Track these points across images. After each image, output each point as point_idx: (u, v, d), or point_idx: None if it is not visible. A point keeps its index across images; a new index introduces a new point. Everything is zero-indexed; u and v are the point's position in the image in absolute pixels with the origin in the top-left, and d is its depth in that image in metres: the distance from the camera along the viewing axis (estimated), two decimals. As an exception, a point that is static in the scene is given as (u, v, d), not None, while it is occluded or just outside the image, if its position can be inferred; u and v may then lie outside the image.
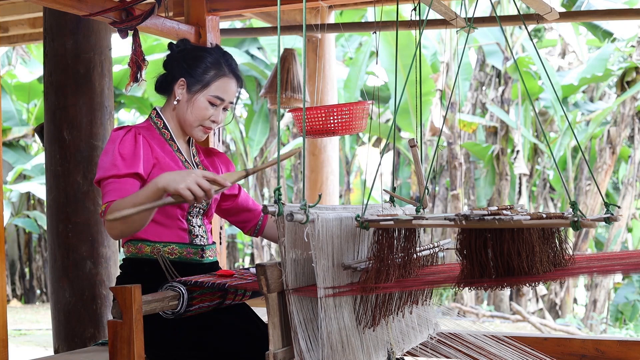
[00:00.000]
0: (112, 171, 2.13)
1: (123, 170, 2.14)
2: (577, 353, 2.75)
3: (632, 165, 9.29)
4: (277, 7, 1.76)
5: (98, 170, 2.19)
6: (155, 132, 2.32)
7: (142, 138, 2.21)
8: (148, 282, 2.07)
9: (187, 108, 2.31)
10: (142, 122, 2.37)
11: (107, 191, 2.12)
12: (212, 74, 2.31)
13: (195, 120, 2.32)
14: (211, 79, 2.31)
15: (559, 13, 2.65)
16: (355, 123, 2.85)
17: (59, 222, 3.73)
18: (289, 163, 12.75)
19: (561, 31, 10.85)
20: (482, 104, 10.59)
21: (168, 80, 2.36)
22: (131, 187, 2.13)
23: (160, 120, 2.34)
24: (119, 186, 2.12)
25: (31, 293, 12.44)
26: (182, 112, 2.32)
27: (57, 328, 3.76)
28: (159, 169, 2.20)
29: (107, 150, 2.19)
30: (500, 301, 9.80)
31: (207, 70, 2.31)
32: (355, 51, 11.32)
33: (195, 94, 2.30)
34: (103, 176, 2.14)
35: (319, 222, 1.71)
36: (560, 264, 1.83)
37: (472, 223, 1.58)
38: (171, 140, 2.33)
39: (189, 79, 2.31)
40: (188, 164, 2.33)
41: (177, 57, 2.36)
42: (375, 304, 1.85)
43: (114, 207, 2.04)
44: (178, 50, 2.38)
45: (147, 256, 2.23)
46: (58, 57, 3.74)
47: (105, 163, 2.16)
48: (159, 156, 2.23)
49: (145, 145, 2.21)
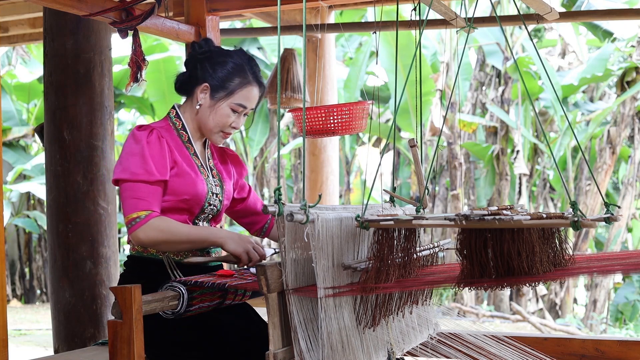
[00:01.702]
0: (143, 176, 2.13)
1: (155, 176, 2.14)
2: (577, 353, 2.76)
3: (632, 165, 9.29)
4: (277, 7, 1.76)
5: (122, 170, 2.16)
6: (174, 133, 2.30)
7: (165, 141, 2.21)
8: (152, 281, 2.08)
9: (209, 114, 2.30)
10: (161, 121, 2.35)
11: (139, 197, 2.12)
12: (237, 82, 2.29)
13: (216, 126, 2.31)
14: (236, 87, 2.30)
15: (559, 13, 2.65)
16: (355, 123, 2.85)
17: (59, 222, 3.73)
18: (289, 163, 12.76)
19: (561, 31, 10.85)
20: (482, 104, 10.59)
21: (190, 81, 2.33)
22: (160, 195, 2.16)
23: (179, 121, 2.33)
24: (151, 192, 2.13)
25: (31, 293, 12.44)
26: (204, 117, 2.31)
27: (57, 328, 3.77)
28: (175, 174, 2.21)
29: (133, 150, 2.17)
30: (500, 301, 9.80)
31: (231, 77, 2.29)
32: (355, 51, 11.33)
33: (219, 101, 2.29)
34: (131, 178, 2.13)
35: (319, 222, 1.71)
36: (560, 264, 1.83)
37: (472, 223, 1.58)
38: (188, 142, 2.32)
39: (213, 85, 2.29)
40: (203, 168, 2.33)
41: (200, 59, 2.33)
42: (375, 304, 1.85)
43: (163, 224, 2.12)
44: (201, 52, 2.35)
45: (153, 256, 2.23)
46: (58, 57, 3.74)
47: (132, 165, 2.14)
48: (178, 160, 2.23)
49: (168, 149, 2.21)
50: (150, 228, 2.10)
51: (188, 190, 2.22)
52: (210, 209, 2.31)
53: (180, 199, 2.22)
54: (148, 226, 2.10)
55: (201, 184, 2.26)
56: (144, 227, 2.09)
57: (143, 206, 2.11)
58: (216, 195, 2.33)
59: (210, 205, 2.30)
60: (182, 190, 2.22)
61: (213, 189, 2.31)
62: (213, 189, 2.31)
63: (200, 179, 2.27)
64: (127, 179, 2.14)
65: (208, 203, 2.29)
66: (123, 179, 2.15)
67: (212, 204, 2.31)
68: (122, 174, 2.15)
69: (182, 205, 2.23)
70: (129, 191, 2.13)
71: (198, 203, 2.26)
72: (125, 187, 2.14)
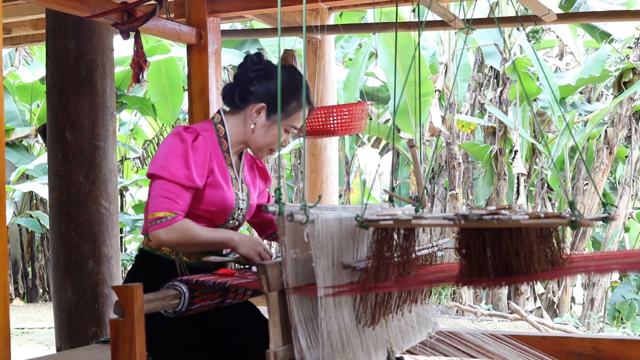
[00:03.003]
0: (181, 179, 2.13)
1: (193, 182, 2.14)
2: (575, 351, 2.77)
3: (629, 165, 9.31)
4: (278, 8, 1.77)
5: (162, 166, 2.15)
6: (215, 139, 2.28)
7: (209, 149, 2.21)
8: (161, 279, 2.09)
9: (263, 133, 2.29)
10: (204, 124, 2.33)
11: (171, 198, 2.12)
12: (294, 105, 2.28)
13: (267, 144, 2.32)
14: (293, 110, 2.28)
15: (556, 15, 2.68)
16: (354, 123, 2.87)
17: (61, 222, 3.74)
18: (289, 163, 12.76)
19: (559, 32, 10.86)
20: (480, 105, 10.59)
21: (242, 96, 2.30)
22: (190, 200, 2.16)
23: (223, 128, 2.31)
24: (183, 196, 2.14)
25: (34, 292, 12.43)
26: (257, 136, 2.30)
27: (60, 327, 3.78)
28: (209, 184, 2.21)
29: (176, 150, 2.16)
30: (499, 300, 9.80)
31: (290, 100, 2.27)
32: (355, 52, 11.33)
33: (275, 123, 2.27)
34: (169, 178, 2.13)
35: (319, 222, 1.71)
36: (558, 263, 1.84)
37: (470, 223, 1.58)
38: (227, 152, 2.30)
39: (271, 106, 2.26)
40: (236, 181, 2.32)
41: (255, 77, 2.29)
42: (374, 303, 1.85)
43: (186, 228, 2.13)
44: (255, 68, 2.30)
45: (165, 255, 2.24)
46: (60, 58, 3.76)
47: (173, 165, 2.14)
48: (214, 170, 2.23)
49: (209, 157, 2.21)
50: (174, 230, 2.10)
51: (217, 202, 2.23)
52: (232, 222, 2.32)
53: (207, 209, 2.22)
54: (172, 228, 2.10)
55: (230, 199, 2.26)
56: (168, 228, 2.10)
57: (173, 207, 2.11)
58: (241, 210, 2.33)
59: (233, 219, 2.31)
60: (212, 201, 2.22)
61: (240, 204, 2.31)
62: (240, 204, 2.31)
63: (231, 192, 2.27)
64: (164, 177, 2.13)
65: (232, 217, 2.30)
66: (160, 175, 2.14)
67: (235, 218, 2.32)
68: (160, 170, 2.14)
69: (206, 215, 2.23)
70: (162, 190, 2.13)
71: (223, 216, 2.27)
72: (159, 184, 2.14)
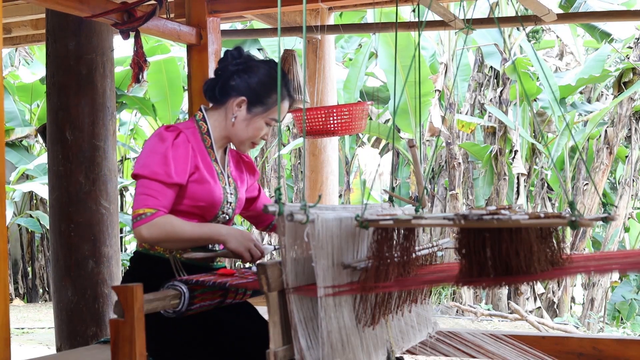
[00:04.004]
0: (162, 176, 2.15)
1: (173, 178, 2.16)
2: (575, 351, 2.77)
3: (629, 165, 9.32)
4: (278, 8, 1.77)
5: (143, 165, 2.18)
6: (198, 136, 2.31)
7: (190, 145, 2.23)
8: (157, 280, 2.09)
9: (244, 126, 2.32)
10: (187, 122, 2.36)
11: (151, 194, 2.14)
12: (274, 99, 2.30)
13: (248, 138, 2.34)
14: (273, 103, 2.30)
15: (556, 15, 2.68)
16: (354, 123, 2.87)
17: (61, 222, 3.75)
18: (289, 163, 12.77)
19: (559, 32, 10.87)
20: (480, 105, 10.59)
21: (223, 91, 2.33)
22: (173, 197, 2.18)
23: (205, 125, 2.33)
24: (164, 193, 2.15)
25: (34, 292, 12.43)
26: (238, 130, 2.33)
27: (60, 327, 3.79)
28: (194, 180, 2.22)
29: (157, 149, 2.19)
30: (499, 300, 9.81)
31: (270, 93, 2.30)
32: (355, 52, 11.33)
33: (256, 116, 2.31)
34: (149, 176, 2.15)
35: (319, 222, 1.71)
36: (558, 263, 1.84)
37: (470, 223, 1.58)
38: (210, 147, 2.33)
39: (251, 99, 2.30)
40: (222, 176, 2.34)
41: (235, 71, 2.32)
42: (374, 303, 1.85)
43: (167, 223, 2.13)
44: (235, 62, 2.33)
45: (159, 254, 2.25)
46: (60, 58, 3.76)
47: (154, 163, 2.16)
48: (199, 166, 2.25)
49: (192, 153, 2.23)
50: (154, 226, 2.12)
51: (205, 197, 2.25)
52: (222, 216, 2.33)
53: (196, 204, 2.24)
54: (153, 224, 2.12)
55: (218, 193, 2.28)
56: (149, 224, 2.12)
57: (152, 203, 2.13)
58: (230, 204, 2.35)
59: (223, 213, 2.33)
60: (199, 197, 2.24)
61: (228, 197, 2.33)
62: (228, 198, 2.33)
63: (219, 187, 2.29)
64: (145, 176, 2.16)
65: (222, 211, 2.32)
66: (142, 174, 2.17)
67: (225, 212, 2.33)
68: (141, 169, 2.18)
69: (196, 211, 2.25)
70: (143, 187, 2.15)
71: (212, 210, 2.28)
72: (141, 183, 2.17)
